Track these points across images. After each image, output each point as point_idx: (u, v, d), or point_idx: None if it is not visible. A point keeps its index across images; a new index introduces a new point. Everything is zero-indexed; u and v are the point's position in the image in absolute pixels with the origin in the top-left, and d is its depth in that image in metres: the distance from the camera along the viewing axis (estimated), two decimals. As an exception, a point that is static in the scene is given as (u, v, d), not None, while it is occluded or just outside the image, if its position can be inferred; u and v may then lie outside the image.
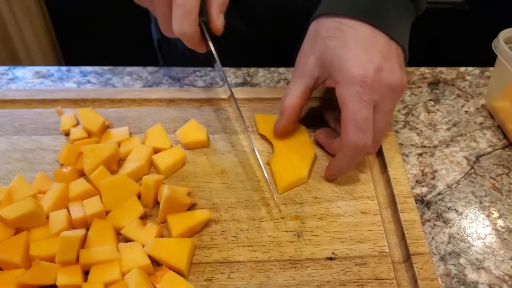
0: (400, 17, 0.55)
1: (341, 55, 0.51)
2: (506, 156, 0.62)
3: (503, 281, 0.49)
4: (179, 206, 0.50)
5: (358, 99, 0.49)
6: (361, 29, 0.52)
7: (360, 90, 0.49)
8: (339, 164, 0.54)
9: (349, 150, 0.51)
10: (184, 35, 0.52)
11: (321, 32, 0.54)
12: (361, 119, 0.49)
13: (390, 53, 0.52)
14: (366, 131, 0.50)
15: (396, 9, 0.54)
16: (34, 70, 0.71)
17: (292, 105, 0.55)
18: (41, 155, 0.57)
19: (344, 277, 0.47)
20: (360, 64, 0.50)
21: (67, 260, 0.46)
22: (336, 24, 0.53)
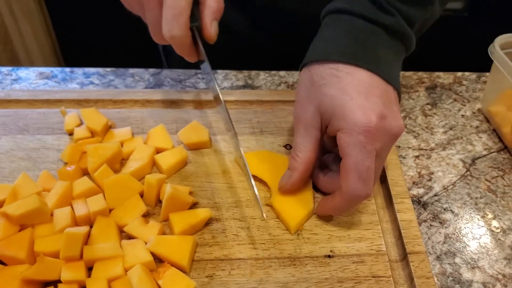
0: (391, 59, 0.53)
1: (342, 104, 0.48)
2: (501, 159, 0.63)
3: (497, 280, 0.50)
4: (181, 204, 0.51)
5: (362, 149, 0.47)
6: (358, 75, 0.50)
7: (363, 139, 0.47)
8: (335, 207, 0.51)
9: (349, 198, 0.49)
10: (173, 39, 0.50)
11: (315, 81, 0.51)
12: (363, 170, 0.47)
13: (389, 98, 0.51)
14: (368, 181, 0.48)
15: (388, 52, 0.53)
16: (37, 71, 0.72)
17: (306, 160, 0.52)
18: (45, 154, 0.58)
19: (342, 275, 0.48)
20: (363, 113, 0.48)
21: (71, 256, 0.46)
22: (330, 70, 0.51)
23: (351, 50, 0.51)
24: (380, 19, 0.52)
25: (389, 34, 0.53)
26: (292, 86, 0.71)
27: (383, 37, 0.53)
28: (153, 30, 0.53)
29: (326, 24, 0.55)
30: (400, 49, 0.55)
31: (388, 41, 0.53)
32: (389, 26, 0.52)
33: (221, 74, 0.73)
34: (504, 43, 0.63)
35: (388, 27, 0.52)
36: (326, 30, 0.55)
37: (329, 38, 0.53)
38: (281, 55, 0.79)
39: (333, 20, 0.55)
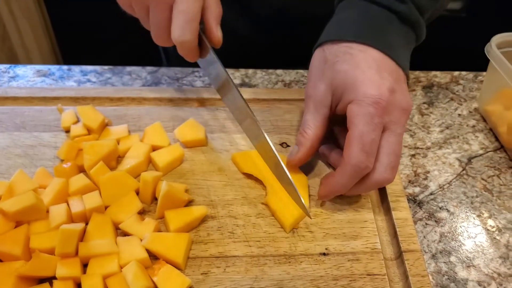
0: (402, 45, 0.55)
1: (355, 77, 0.50)
2: (497, 159, 0.63)
3: (492, 279, 0.50)
4: (177, 202, 0.52)
5: (369, 121, 0.48)
6: (370, 53, 0.52)
7: (372, 111, 0.48)
8: (335, 183, 0.51)
9: (349, 170, 0.49)
10: (184, 43, 0.51)
11: (329, 59, 0.53)
12: (368, 141, 0.48)
13: (399, 77, 0.52)
14: (370, 154, 0.48)
15: (399, 37, 0.54)
16: (35, 69, 0.72)
17: (313, 137, 0.53)
18: (42, 151, 0.58)
19: (337, 272, 0.48)
20: (374, 85, 0.49)
21: (67, 253, 0.47)
22: (344, 48, 0.52)
23: (365, 31, 0.53)
24: (393, 6, 0.54)
25: (401, 21, 0.55)
26: (289, 85, 0.71)
27: (395, 23, 0.54)
28: (158, 33, 0.53)
29: (340, 9, 0.58)
30: (411, 36, 0.56)
31: (400, 28, 0.55)
32: (402, 13, 0.54)
33: (218, 73, 0.73)
34: (500, 43, 0.63)
35: (400, 14, 0.54)
36: (340, 13, 0.57)
37: (343, 20, 0.55)
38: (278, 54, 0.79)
39: (347, 5, 0.57)
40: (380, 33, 0.53)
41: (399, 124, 0.50)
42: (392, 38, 0.54)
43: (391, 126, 0.50)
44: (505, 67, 0.60)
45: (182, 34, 0.51)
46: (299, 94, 0.66)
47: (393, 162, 0.50)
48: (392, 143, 0.50)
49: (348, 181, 0.50)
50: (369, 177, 0.50)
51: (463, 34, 1.27)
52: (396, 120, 0.50)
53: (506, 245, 0.54)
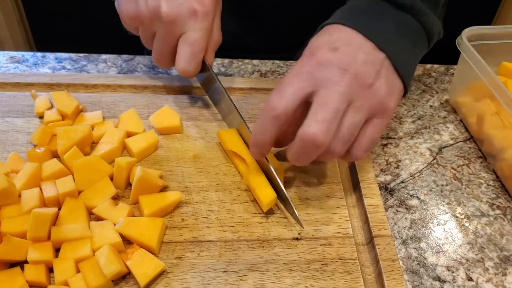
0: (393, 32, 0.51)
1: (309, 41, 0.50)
2: (467, 149, 0.65)
3: (460, 264, 0.52)
4: (151, 187, 0.52)
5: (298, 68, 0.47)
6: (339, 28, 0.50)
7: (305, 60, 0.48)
8: (254, 128, 0.49)
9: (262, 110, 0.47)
10: (186, 74, 0.53)
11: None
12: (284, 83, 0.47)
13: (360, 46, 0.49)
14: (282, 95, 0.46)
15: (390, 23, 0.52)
16: (8, 55, 0.71)
17: None
18: (14, 137, 0.57)
19: (309, 256, 0.49)
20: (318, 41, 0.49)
21: (39, 237, 0.46)
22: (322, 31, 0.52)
23: (347, 15, 0.52)
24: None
25: (397, 8, 0.52)
26: (265, 75, 0.72)
27: (388, 10, 0.52)
28: (160, 58, 0.55)
29: None
30: (410, 24, 0.52)
31: (393, 14, 0.52)
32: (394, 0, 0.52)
33: (195, 62, 0.73)
34: (471, 35, 0.65)
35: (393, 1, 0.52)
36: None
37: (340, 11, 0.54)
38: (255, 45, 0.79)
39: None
40: (362, 16, 0.51)
41: (337, 82, 0.46)
42: (377, 21, 0.51)
43: (325, 83, 0.46)
44: (475, 59, 0.62)
45: (188, 66, 0.52)
46: (275, 84, 0.67)
47: (318, 115, 0.44)
48: (322, 98, 0.45)
49: (260, 123, 0.47)
50: (298, 132, 0.46)
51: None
52: (332, 78, 0.46)
53: (474, 232, 0.55)
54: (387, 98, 0.48)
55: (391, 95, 0.49)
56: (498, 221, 0.56)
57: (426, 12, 0.53)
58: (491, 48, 0.67)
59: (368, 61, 0.48)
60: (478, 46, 0.64)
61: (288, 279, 0.47)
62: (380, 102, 0.48)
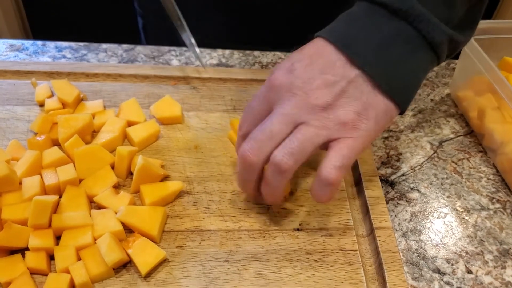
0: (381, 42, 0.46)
1: None
2: (467, 143, 0.65)
3: (460, 257, 0.52)
4: (153, 176, 0.51)
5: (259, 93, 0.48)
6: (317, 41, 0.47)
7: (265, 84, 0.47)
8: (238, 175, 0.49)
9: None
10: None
11: None
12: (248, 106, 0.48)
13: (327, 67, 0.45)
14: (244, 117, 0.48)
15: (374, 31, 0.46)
16: (8, 43, 0.71)
17: None
18: (15, 125, 0.57)
19: (310, 247, 0.49)
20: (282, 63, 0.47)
21: (39, 224, 0.46)
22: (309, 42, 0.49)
23: (335, 25, 0.48)
24: None
25: (391, 14, 0.45)
26: (266, 67, 0.72)
27: (380, 18, 0.46)
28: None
29: None
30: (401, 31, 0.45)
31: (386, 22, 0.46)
32: (389, 5, 0.45)
33: (196, 52, 0.72)
34: (473, 30, 0.65)
35: (387, 6, 0.45)
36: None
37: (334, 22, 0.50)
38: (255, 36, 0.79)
39: None
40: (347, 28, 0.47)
41: (283, 104, 0.45)
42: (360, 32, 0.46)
43: (274, 105, 0.46)
44: (477, 53, 0.62)
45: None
46: (276, 75, 0.67)
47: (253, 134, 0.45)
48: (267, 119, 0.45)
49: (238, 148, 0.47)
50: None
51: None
52: (280, 100, 0.45)
53: (474, 225, 0.55)
54: (354, 118, 0.44)
55: (362, 114, 0.45)
56: (498, 215, 0.56)
57: (426, 17, 0.45)
58: (493, 42, 0.67)
59: (328, 83, 0.45)
60: (480, 41, 0.64)
61: (289, 269, 0.47)
62: (342, 123, 0.44)
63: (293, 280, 0.47)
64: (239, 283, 0.46)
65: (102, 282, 0.45)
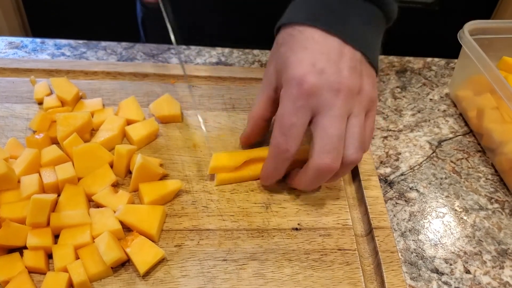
0: (361, 23, 0.51)
1: (286, 59, 0.48)
2: (466, 142, 0.65)
3: (458, 257, 0.52)
4: (151, 175, 0.51)
5: (291, 103, 0.47)
6: (309, 33, 0.49)
7: (295, 93, 0.46)
8: (266, 166, 0.51)
9: (271, 151, 0.49)
10: None
11: (278, 41, 0.52)
12: (286, 124, 0.47)
13: (339, 56, 0.48)
14: (289, 137, 0.47)
15: (358, 17, 0.51)
16: (7, 41, 0.71)
17: (255, 115, 0.54)
18: (13, 123, 0.57)
19: (308, 247, 0.49)
20: (301, 66, 0.47)
21: (38, 223, 0.46)
22: (289, 31, 0.50)
23: (312, 12, 0.50)
24: None
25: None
26: (265, 65, 0.72)
27: (354, 2, 0.51)
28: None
29: None
30: (375, 14, 0.52)
31: (359, 5, 0.51)
32: None
33: (194, 51, 0.72)
34: (473, 29, 0.65)
35: None
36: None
37: (298, 3, 0.53)
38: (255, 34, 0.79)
39: None
40: (329, 13, 0.50)
41: (331, 106, 0.47)
42: (343, 16, 0.50)
43: (321, 109, 0.47)
44: (476, 53, 0.62)
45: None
46: (275, 74, 0.67)
47: (327, 146, 0.46)
48: (324, 126, 0.47)
49: (273, 163, 0.50)
50: (308, 163, 0.48)
51: (436, 25, 1.29)
52: (326, 102, 0.47)
53: (472, 225, 0.55)
54: (372, 92, 0.50)
55: (373, 86, 0.50)
56: (496, 215, 0.57)
57: (389, 1, 0.52)
58: (492, 42, 0.67)
59: (351, 69, 0.48)
60: (479, 40, 0.64)
61: (287, 268, 0.47)
62: (369, 99, 0.50)
63: (292, 280, 0.47)
64: (237, 282, 0.46)
65: (101, 281, 0.45)
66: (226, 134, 0.59)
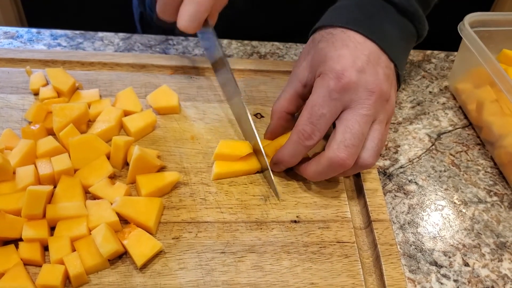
0: (396, 35, 0.54)
1: (328, 54, 0.50)
2: (465, 135, 0.64)
3: (457, 249, 0.52)
4: (149, 167, 0.51)
5: (325, 94, 0.48)
6: (352, 34, 0.51)
7: (332, 85, 0.47)
8: (283, 150, 0.52)
9: (293, 137, 0.50)
10: (187, 30, 0.52)
11: (316, 39, 0.53)
12: (316, 114, 0.48)
13: (377, 61, 0.50)
14: (316, 127, 0.48)
15: (394, 28, 0.54)
16: (2, 30, 0.70)
17: (278, 109, 0.54)
18: (8, 113, 0.56)
19: (307, 239, 0.49)
20: (342, 61, 0.48)
21: (34, 215, 0.45)
22: (329, 30, 0.52)
23: (354, 17, 0.53)
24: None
25: (399, 12, 0.55)
26: (264, 57, 0.71)
27: (392, 14, 0.54)
28: (165, 8, 0.53)
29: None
30: (409, 29, 0.55)
31: (396, 19, 0.54)
32: (399, 4, 0.54)
33: (192, 42, 0.72)
34: (473, 21, 0.64)
35: (397, 5, 0.54)
36: (340, 1, 0.57)
37: (339, 8, 0.55)
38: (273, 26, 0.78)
39: None
40: (370, 21, 0.52)
41: (363, 105, 0.48)
42: (384, 27, 0.53)
43: (352, 105, 0.48)
44: (477, 45, 0.61)
45: (190, 24, 0.52)
46: (274, 66, 0.66)
47: (347, 141, 0.47)
48: (350, 121, 0.48)
49: (292, 149, 0.50)
50: (323, 154, 0.49)
51: (436, 17, 1.29)
52: (359, 100, 0.48)
53: (471, 218, 0.55)
54: (394, 105, 0.52)
55: (395, 100, 0.53)
56: (495, 208, 0.56)
57: (423, 19, 0.56)
58: (492, 35, 0.67)
59: (385, 76, 0.50)
60: (479, 33, 0.63)
61: (286, 261, 0.47)
62: (392, 110, 0.52)
63: (290, 272, 0.46)
64: (235, 275, 0.46)
65: (97, 274, 0.45)
66: (224, 126, 0.59)
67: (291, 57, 0.72)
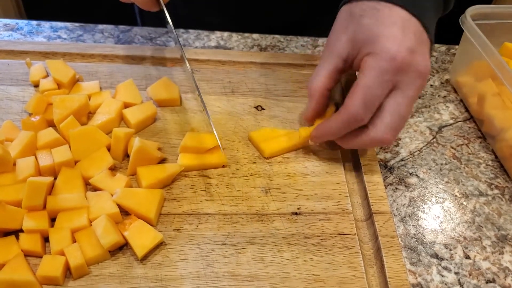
0: (431, 10, 0.53)
1: (377, 31, 0.48)
2: (466, 128, 0.64)
3: (458, 242, 0.52)
4: (149, 158, 0.51)
5: (379, 75, 0.47)
6: (396, 11, 0.49)
7: (385, 66, 0.47)
8: (329, 126, 0.51)
9: (344, 117, 0.49)
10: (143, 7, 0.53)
11: (355, 12, 0.51)
12: (371, 95, 0.47)
13: (423, 40, 0.50)
14: (369, 108, 0.48)
15: (429, 2, 0.53)
16: (2, 23, 0.69)
17: (319, 87, 0.53)
18: (8, 105, 0.56)
19: (308, 231, 0.49)
20: (395, 41, 0.47)
21: (34, 206, 0.45)
22: (371, 4, 0.50)
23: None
24: None
25: None
26: (265, 49, 0.71)
27: None
28: None
29: None
30: (439, 3, 0.54)
31: None
32: None
33: (193, 34, 0.71)
34: (475, 14, 0.64)
35: None
36: None
37: None
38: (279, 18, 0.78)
39: None
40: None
41: (412, 86, 0.48)
42: (423, 2, 0.52)
43: (402, 86, 0.48)
44: (478, 38, 0.61)
45: None
46: (274, 58, 0.66)
47: (395, 123, 0.49)
48: (399, 104, 0.48)
49: (340, 128, 0.50)
50: (367, 132, 0.49)
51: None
52: (408, 82, 0.48)
53: (472, 211, 0.55)
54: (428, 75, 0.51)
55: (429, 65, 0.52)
56: (496, 201, 0.56)
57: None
58: (494, 28, 0.66)
59: (429, 56, 0.50)
60: (481, 26, 0.63)
61: (287, 252, 0.47)
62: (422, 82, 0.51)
63: (291, 264, 0.46)
64: (236, 266, 0.46)
65: (98, 265, 0.45)
66: (225, 118, 0.58)
67: (291, 50, 0.71)
